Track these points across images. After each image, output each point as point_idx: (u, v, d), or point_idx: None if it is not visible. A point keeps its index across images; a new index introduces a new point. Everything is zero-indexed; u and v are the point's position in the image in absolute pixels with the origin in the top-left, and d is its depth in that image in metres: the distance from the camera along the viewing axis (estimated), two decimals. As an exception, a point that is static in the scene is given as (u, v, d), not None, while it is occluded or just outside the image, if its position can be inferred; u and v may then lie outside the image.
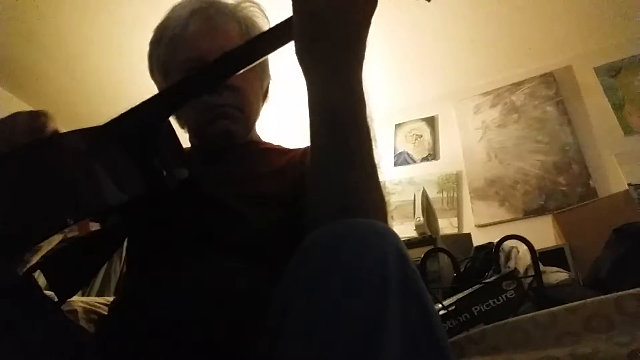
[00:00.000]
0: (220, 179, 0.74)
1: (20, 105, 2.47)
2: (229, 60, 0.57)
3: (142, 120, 0.55)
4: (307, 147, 0.82)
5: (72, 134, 0.52)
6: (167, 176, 0.55)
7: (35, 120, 0.55)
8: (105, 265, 1.80)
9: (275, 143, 0.89)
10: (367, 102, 0.52)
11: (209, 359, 0.54)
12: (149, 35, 0.85)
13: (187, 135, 0.86)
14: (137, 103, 0.56)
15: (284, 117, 2.61)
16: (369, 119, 0.53)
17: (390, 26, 2.28)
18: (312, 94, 0.52)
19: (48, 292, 0.59)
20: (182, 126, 0.83)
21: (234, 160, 0.79)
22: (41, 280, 0.58)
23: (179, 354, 0.55)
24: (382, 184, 0.55)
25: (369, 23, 0.51)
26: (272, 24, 0.58)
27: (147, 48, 0.85)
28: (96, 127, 0.54)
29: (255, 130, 0.89)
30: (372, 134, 0.54)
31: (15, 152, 0.50)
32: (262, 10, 0.85)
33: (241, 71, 0.57)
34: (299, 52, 0.52)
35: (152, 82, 0.88)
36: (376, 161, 0.54)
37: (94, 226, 0.65)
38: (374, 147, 0.54)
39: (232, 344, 0.54)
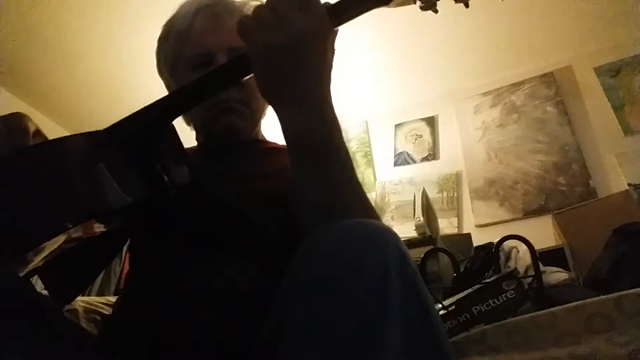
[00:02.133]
0: (223, 178, 0.74)
1: (20, 106, 2.47)
2: (236, 64, 0.57)
3: (145, 125, 0.55)
4: None
5: (74, 137, 0.52)
6: (169, 180, 0.55)
7: (18, 122, 0.55)
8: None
9: (280, 143, 0.89)
10: (337, 123, 0.54)
11: (210, 359, 0.54)
12: (149, 35, 0.85)
13: (193, 133, 0.86)
14: (139, 107, 0.56)
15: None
16: (345, 139, 0.54)
17: (390, 26, 2.27)
18: (284, 126, 0.54)
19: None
20: (188, 123, 0.84)
21: (239, 158, 0.79)
22: (39, 284, 0.58)
23: (181, 354, 0.55)
24: (370, 199, 0.56)
25: (328, 49, 0.53)
26: None
27: (147, 48, 0.85)
28: (99, 131, 0.54)
29: (260, 130, 0.89)
30: (350, 154, 0.55)
31: (17, 154, 0.50)
32: None
33: (248, 77, 0.57)
34: (262, 92, 0.54)
35: (152, 82, 0.88)
36: (359, 179, 0.55)
37: (98, 227, 0.65)
38: (354, 166, 0.55)
39: (233, 344, 0.54)
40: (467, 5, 0.58)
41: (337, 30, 0.55)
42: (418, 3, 0.57)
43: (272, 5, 0.51)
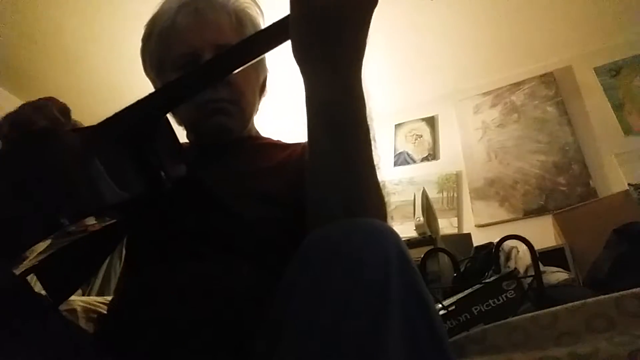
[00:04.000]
0: (218, 176, 0.73)
1: (20, 105, 2.47)
2: (225, 59, 0.56)
3: (139, 119, 0.55)
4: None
5: (68, 133, 0.52)
6: (165, 174, 0.55)
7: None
8: (105, 265, 1.80)
9: (274, 138, 0.88)
10: (366, 102, 0.52)
11: (208, 358, 0.54)
12: (148, 34, 0.85)
13: (184, 132, 0.86)
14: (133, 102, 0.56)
15: (283, 111, 2.60)
16: (368, 119, 0.52)
17: (391, 26, 2.27)
18: (310, 93, 0.52)
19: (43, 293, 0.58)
20: (179, 123, 0.83)
21: (232, 156, 0.78)
22: (38, 285, 0.58)
23: (178, 354, 0.54)
24: (381, 184, 0.55)
25: (368, 22, 0.50)
26: (267, 17, 0.57)
27: (143, 46, 0.85)
28: (93, 126, 0.54)
29: (253, 125, 0.88)
30: (371, 134, 0.53)
31: (10, 151, 0.50)
32: (255, 2, 0.83)
33: (237, 70, 0.56)
34: (296, 51, 0.51)
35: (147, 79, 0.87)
36: (375, 162, 0.54)
37: (92, 222, 0.65)
38: (373, 147, 0.54)
39: (232, 344, 0.54)
40: None
41: (377, 1, 0.52)
42: None
43: None
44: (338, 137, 0.51)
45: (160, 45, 0.79)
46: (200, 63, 0.73)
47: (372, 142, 0.54)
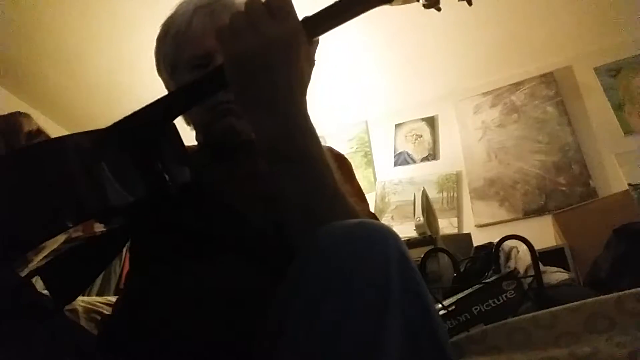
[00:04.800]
0: (224, 178, 0.73)
1: (20, 105, 2.47)
2: None
3: (145, 124, 0.55)
4: None
5: (75, 136, 0.52)
6: (170, 179, 0.55)
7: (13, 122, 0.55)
8: (105, 266, 1.80)
9: None
10: (311, 132, 0.54)
11: (210, 359, 0.54)
12: (148, 35, 0.85)
13: (193, 133, 0.86)
14: (139, 107, 0.56)
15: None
16: (317, 148, 0.54)
17: (391, 26, 2.27)
18: (254, 133, 0.55)
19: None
20: (188, 123, 0.83)
21: (239, 158, 0.79)
22: (39, 284, 0.58)
23: (180, 355, 0.55)
24: (349, 206, 0.56)
25: (296, 61, 0.53)
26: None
27: (147, 48, 0.85)
28: (99, 130, 0.54)
29: None
30: (325, 162, 0.55)
31: (17, 153, 0.50)
32: None
33: None
34: (235, 98, 0.55)
35: (152, 82, 0.87)
36: (338, 186, 0.55)
37: (99, 227, 0.65)
38: (329, 173, 0.55)
39: (234, 345, 0.54)
40: (470, 3, 0.58)
41: (318, 41, 0.56)
42: (421, 1, 0.57)
43: (247, 13, 0.52)
44: (289, 169, 0.53)
45: (174, 46, 0.79)
46: (212, 64, 0.74)
47: (330, 169, 0.55)
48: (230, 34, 0.52)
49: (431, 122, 2.78)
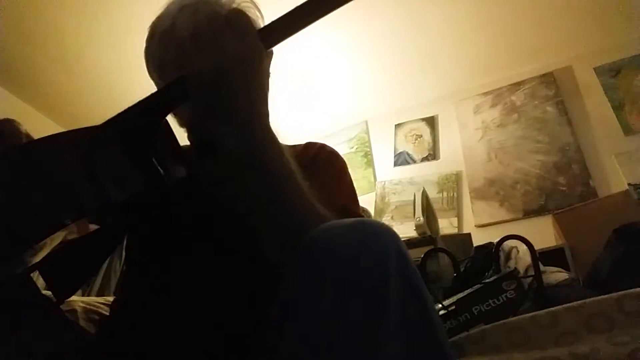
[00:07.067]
0: (218, 178, 0.73)
1: (20, 105, 2.47)
2: None
3: (140, 120, 0.55)
4: (308, 143, 0.82)
5: (69, 133, 0.52)
6: (165, 175, 0.55)
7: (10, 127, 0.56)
8: (105, 265, 1.80)
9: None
10: (273, 144, 0.56)
11: (209, 359, 0.54)
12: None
13: (185, 134, 0.86)
14: (134, 102, 0.56)
15: (282, 111, 2.60)
16: (280, 159, 0.56)
17: (391, 26, 2.27)
18: (216, 144, 0.56)
19: (46, 293, 0.59)
20: (180, 125, 0.83)
21: None
22: (40, 282, 0.58)
23: (179, 355, 0.54)
24: (320, 213, 0.56)
25: (257, 75, 0.55)
26: (267, 20, 0.58)
27: (146, 48, 0.85)
28: (93, 127, 0.54)
29: None
30: (287, 170, 0.56)
31: (11, 151, 0.50)
32: (255, 5, 0.84)
33: None
34: (194, 109, 0.57)
35: (151, 81, 0.87)
36: (306, 196, 0.56)
37: (93, 227, 0.65)
38: (294, 180, 0.56)
39: (233, 345, 0.54)
40: None
41: (272, 52, 0.58)
42: None
43: (207, 30, 0.54)
44: (250, 180, 0.55)
45: (161, 47, 0.79)
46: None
47: (295, 179, 0.56)
48: (192, 48, 0.54)
49: (431, 122, 2.78)
